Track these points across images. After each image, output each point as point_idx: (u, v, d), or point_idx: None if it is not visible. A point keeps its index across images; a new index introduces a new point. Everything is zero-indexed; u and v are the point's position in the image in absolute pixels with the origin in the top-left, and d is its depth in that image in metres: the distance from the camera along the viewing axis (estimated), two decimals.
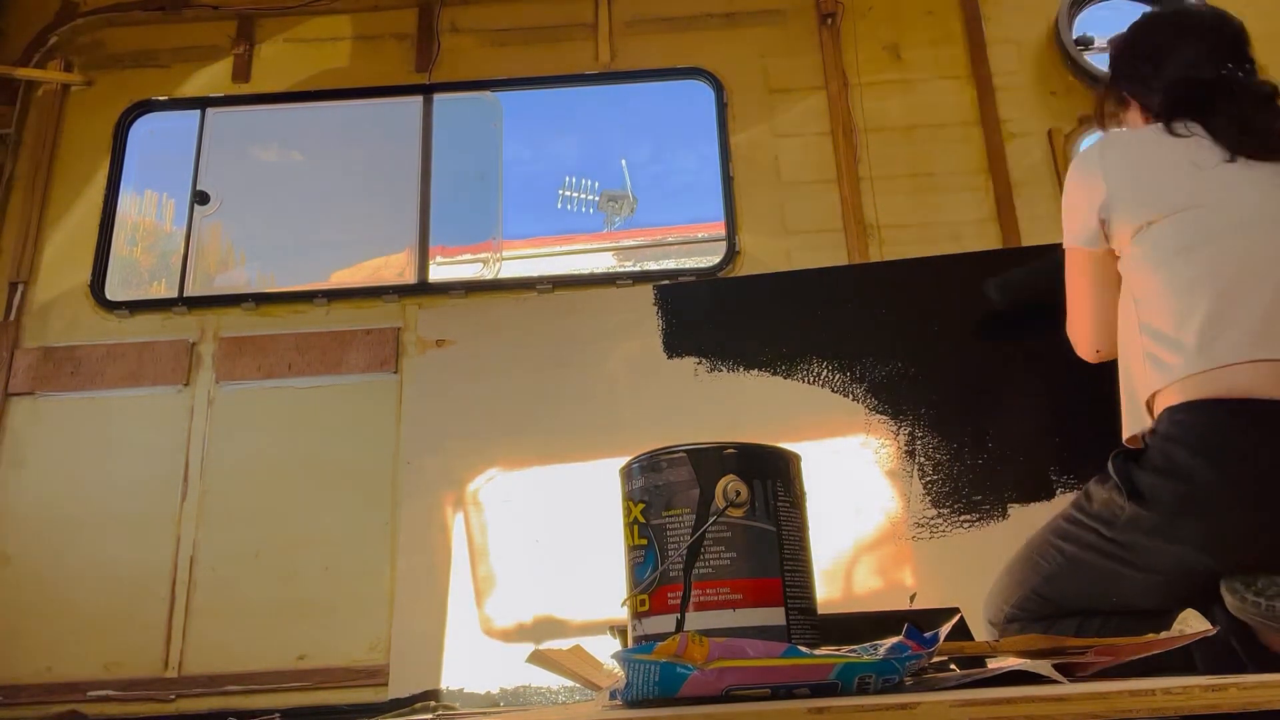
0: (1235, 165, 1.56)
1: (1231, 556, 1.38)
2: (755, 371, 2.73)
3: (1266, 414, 1.37)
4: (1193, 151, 1.60)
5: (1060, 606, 1.56)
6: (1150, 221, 1.55)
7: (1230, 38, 1.84)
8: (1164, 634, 1.07)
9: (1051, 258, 1.86)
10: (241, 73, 3.49)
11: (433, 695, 2.52)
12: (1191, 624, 1.07)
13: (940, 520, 2.49)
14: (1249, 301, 1.44)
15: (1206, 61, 1.77)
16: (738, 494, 1.07)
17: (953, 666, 1.11)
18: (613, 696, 1.01)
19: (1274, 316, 1.42)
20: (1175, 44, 1.82)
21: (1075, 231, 1.68)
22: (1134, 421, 1.57)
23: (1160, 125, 1.66)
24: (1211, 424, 1.41)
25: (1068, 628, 1.51)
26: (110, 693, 2.78)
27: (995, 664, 1.05)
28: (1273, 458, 1.37)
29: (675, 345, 2.81)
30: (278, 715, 2.58)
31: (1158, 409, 1.49)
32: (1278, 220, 1.51)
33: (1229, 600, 1.35)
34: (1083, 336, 1.75)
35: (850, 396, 2.67)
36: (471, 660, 2.56)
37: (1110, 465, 1.51)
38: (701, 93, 3.47)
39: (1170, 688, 0.69)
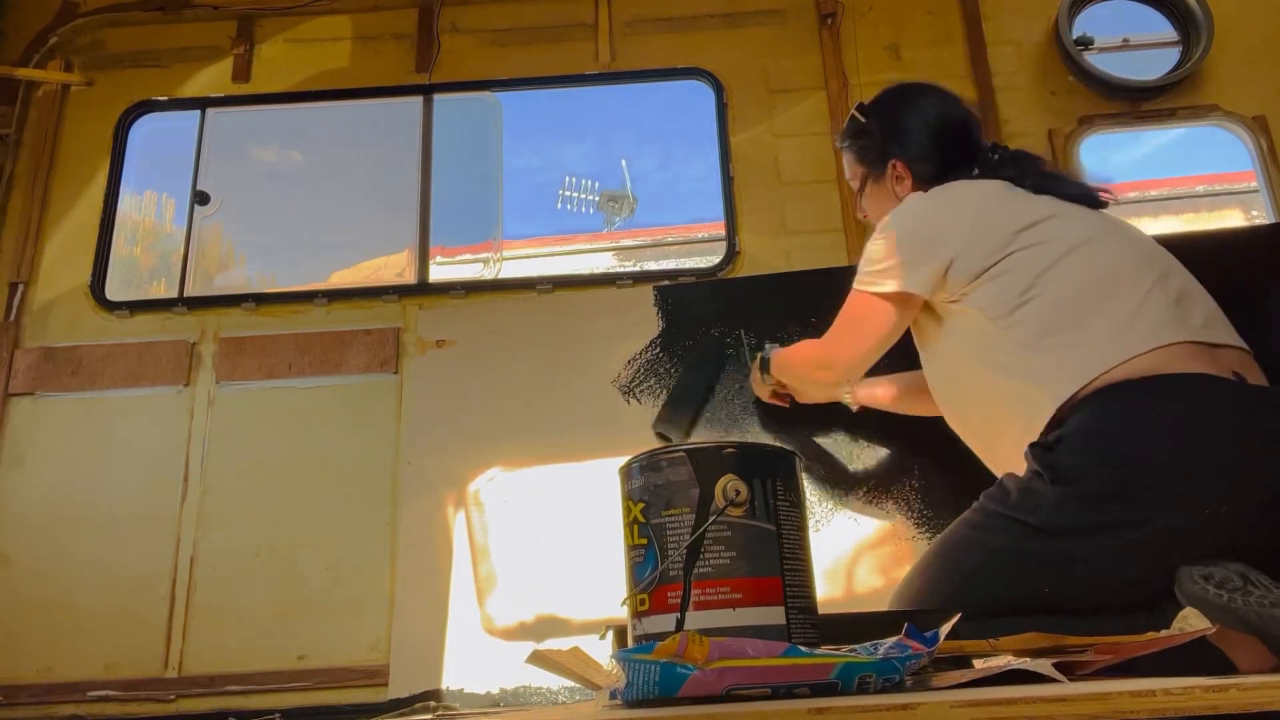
0: (1045, 200, 1.74)
1: (1165, 535, 1.38)
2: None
3: (1182, 385, 1.44)
4: (1007, 192, 1.77)
5: (986, 608, 1.47)
6: (1005, 254, 1.64)
7: (972, 111, 2.08)
8: (1164, 632, 1.07)
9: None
10: (241, 73, 3.49)
11: (433, 695, 2.52)
12: (1192, 622, 1.07)
13: (941, 520, 2.49)
14: (1132, 297, 1.55)
15: (969, 121, 2.00)
16: (737, 493, 1.07)
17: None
18: (613, 696, 1.01)
19: (1161, 307, 1.54)
20: (931, 103, 2.03)
21: (913, 280, 1.71)
22: (1037, 432, 1.59)
23: (963, 180, 1.83)
24: (1117, 401, 1.46)
25: (995, 630, 1.39)
26: (110, 693, 2.78)
27: (994, 663, 1.05)
28: (1195, 426, 1.42)
29: (676, 346, 2.81)
30: (278, 715, 2.58)
31: (1064, 410, 1.52)
32: (1109, 233, 1.69)
33: (1187, 589, 1.34)
34: (851, 369, 1.90)
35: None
36: (472, 660, 2.55)
37: (1027, 455, 1.54)
38: (704, 97, 3.47)
39: (1171, 688, 0.69)
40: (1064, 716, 0.67)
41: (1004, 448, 1.69)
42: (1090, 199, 1.79)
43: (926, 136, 1.96)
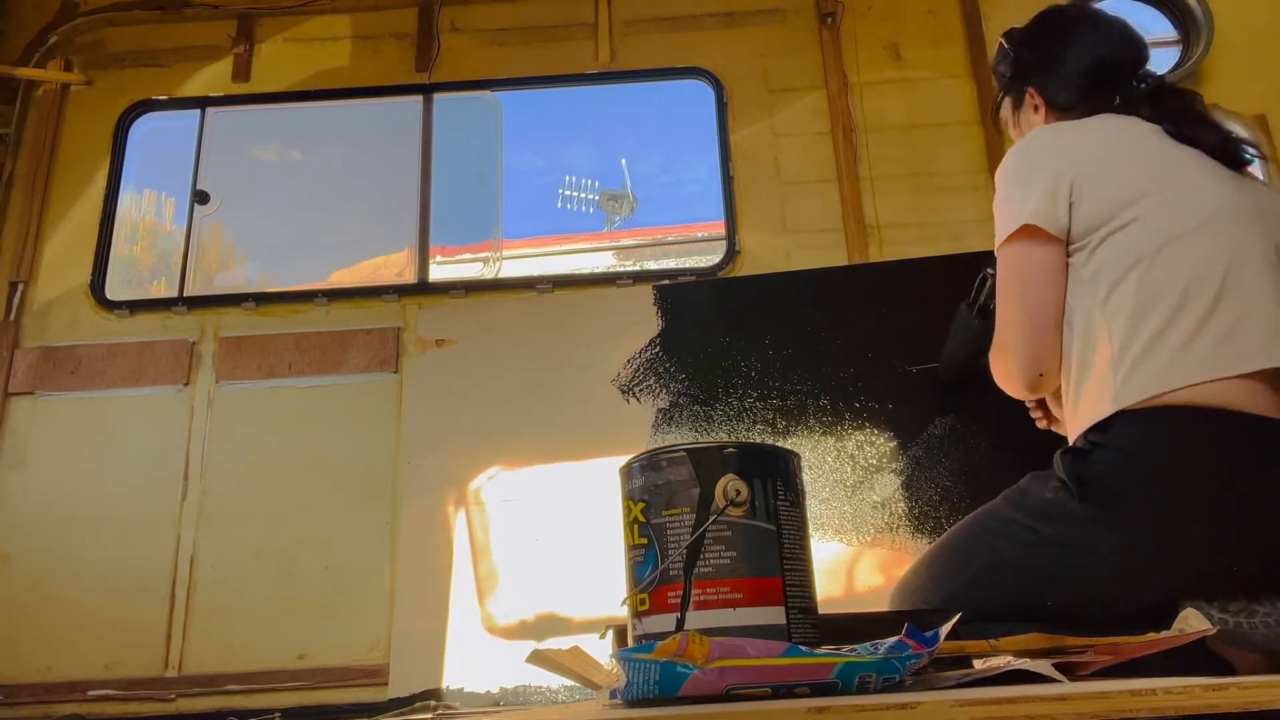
0: (1182, 155, 1.50)
1: (1182, 566, 1.31)
2: (755, 371, 2.73)
3: (1243, 428, 1.32)
4: (1145, 135, 1.53)
5: (987, 610, 1.41)
6: (1129, 212, 1.44)
7: (1139, 39, 1.73)
8: (1164, 633, 1.07)
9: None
10: (241, 72, 3.49)
11: (433, 695, 2.52)
12: (1192, 624, 1.07)
13: (944, 518, 2.49)
14: (1236, 306, 1.37)
15: (1122, 53, 1.69)
16: (738, 493, 1.07)
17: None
18: (613, 696, 1.01)
19: (1264, 324, 1.36)
20: (1082, 31, 1.73)
21: (1033, 210, 1.46)
22: (1082, 425, 1.46)
23: (1106, 116, 1.58)
24: (1175, 430, 1.34)
25: (995, 632, 1.29)
26: (110, 692, 2.78)
27: (994, 663, 1.05)
28: (1234, 469, 1.32)
29: (675, 345, 2.81)
30: (278, 715, 2.58)
31: (1113, 414, 1.39)
32: (1241, 210, 1.45)
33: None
34: (1017, 346, 1.50)
35: (852, 395, 2.67)
36: (472, 660, 2.56)
37: (1057, 462, 1.44)
38: (705, 100, 3.46)
39: (1171, 688, 0.69)
40: (1064, 715, 0.67)
41: (1068, 422, 1.56)
42: (1232, 155, 1.54)
43: (1070, 65, 1.71)
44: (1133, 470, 1.35)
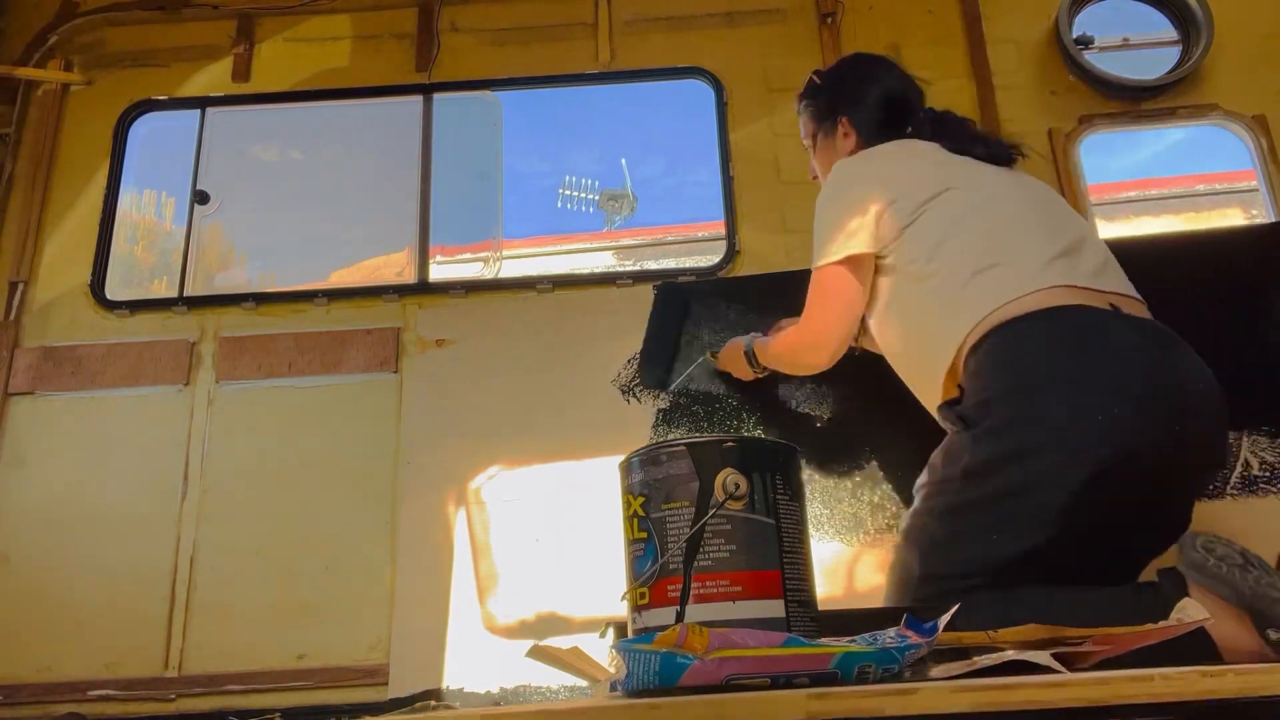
0: (962, 161, 1.94)
1: (1066, 449, 1.45)
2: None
3: (1060, 314, 1.57)
4: (929, 151, 1.99)
5: (954, 580, 1.51)
6: (923, 210, 1.80)
7: (914, 83, 2.28)
8: (1162, 623, 1.08)
9: None
10: (241, 72, 3.50)
11: (433, 694, 2.52)
12: (1190, 613, 1.08)
13: None
14: (1025, 248, 1.70)
15: (909, 91, 2.23)
16: (737, 487, 1.07)
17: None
18: (613, 688, 1.01)
19: (1050, 256, 1.67)
20: (881, 74, 2.25)
21: (857, 239, 1.86)
22: (940, 387, 1.75)
23: (899, 141, 2.04)
24: (1013, 334, 1.58)
25: (990, 611, 1.33)
26: (110, 692, 2.78)
27: (993, 657, 1.06)
28: (1071, 345, 1.54)
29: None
30: (278, 715, 2.58)
31: (963, 359, 1.67)
32: (1014, 189, 1.87)
33: (1189, 555, 1.44)
34: (834, 345, 1.96)
35: (852, 395, 2.67)
36: (472, 659, 2.56)
37: (940, 417, 1.70)
38: (707, 103, 3.46)
39: (1168, 675, 0.69)
40: (1062, 702, 0.67)
41: (930, 396, 1.83)
42: (1002, 157, 1.99)
43: (872, 100, 2.18)
44: (988, 386, 1.58)
